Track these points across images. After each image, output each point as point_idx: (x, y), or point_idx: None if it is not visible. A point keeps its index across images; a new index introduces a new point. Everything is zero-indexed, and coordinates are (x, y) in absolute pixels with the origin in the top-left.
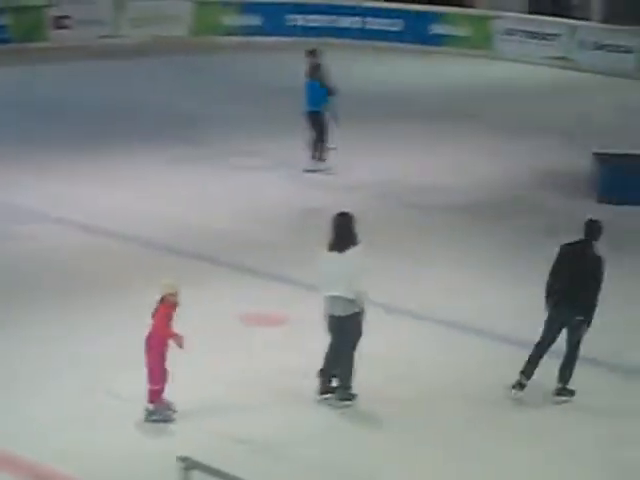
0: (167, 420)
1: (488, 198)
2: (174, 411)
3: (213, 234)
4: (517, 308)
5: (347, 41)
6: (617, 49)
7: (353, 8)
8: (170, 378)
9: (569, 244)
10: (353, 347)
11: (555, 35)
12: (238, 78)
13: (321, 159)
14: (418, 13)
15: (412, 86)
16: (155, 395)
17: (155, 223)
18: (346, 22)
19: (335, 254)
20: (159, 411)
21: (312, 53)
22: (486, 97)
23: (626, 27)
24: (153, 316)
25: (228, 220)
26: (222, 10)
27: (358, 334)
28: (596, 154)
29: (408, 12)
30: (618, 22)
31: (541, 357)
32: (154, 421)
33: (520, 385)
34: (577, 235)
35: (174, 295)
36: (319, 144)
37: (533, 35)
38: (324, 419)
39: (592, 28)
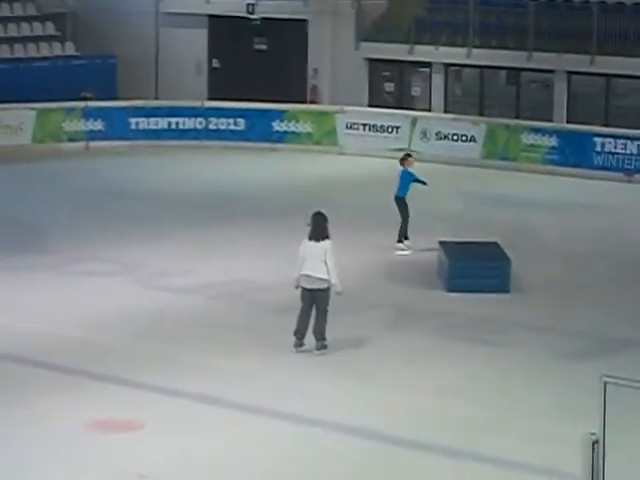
0: None
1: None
2: None
3: (59, 342)
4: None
5: (191, 142)
6: (460, 138)
7: (195, 109)
8: None
9: None
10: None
11: (396, 127)
12: (81, 184)
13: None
14: (260, 111)
15: (258, 184)
16: None
17: None
18: (189, 123)
19: (313, 243)
20: None
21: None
22: (333, 191)
23: (468, 116)
24: None
25: (74, 327)
26: (64, 116)
27: (328, 301)
28: (442, 243)
29: (250, 110)
30: (459, 112)
31: None
32: None
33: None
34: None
35: None
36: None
37: (375, 128)
38: None
39: (433, 118)
